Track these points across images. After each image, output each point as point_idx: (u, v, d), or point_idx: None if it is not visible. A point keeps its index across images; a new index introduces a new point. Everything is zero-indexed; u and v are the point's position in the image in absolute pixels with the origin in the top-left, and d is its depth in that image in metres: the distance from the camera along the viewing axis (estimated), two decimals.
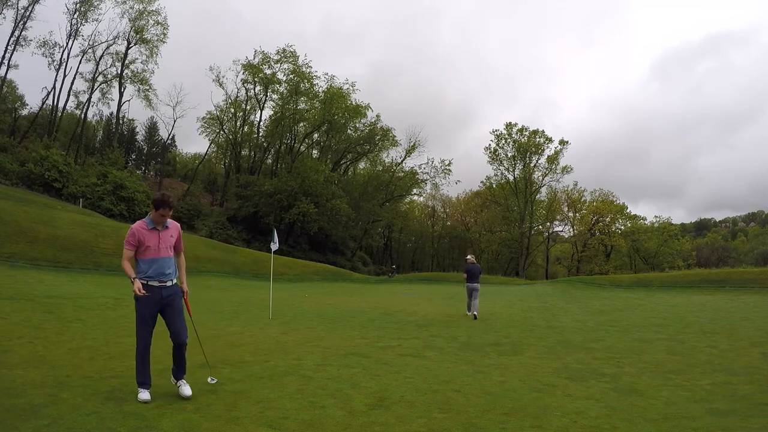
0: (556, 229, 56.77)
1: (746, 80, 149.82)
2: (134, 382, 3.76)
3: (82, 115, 44.24)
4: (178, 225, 4.15)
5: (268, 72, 47.87)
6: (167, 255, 3.90)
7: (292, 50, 48.18)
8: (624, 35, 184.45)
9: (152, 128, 59.66)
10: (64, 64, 39.87)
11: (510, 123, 52.60)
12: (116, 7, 40.63)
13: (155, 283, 3.78)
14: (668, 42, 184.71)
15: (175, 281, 3.96)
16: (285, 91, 48.66)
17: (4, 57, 36.75)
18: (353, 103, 49.49)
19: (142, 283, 3.71)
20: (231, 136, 50.92)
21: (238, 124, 50.79)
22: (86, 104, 42.53)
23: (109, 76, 42.96)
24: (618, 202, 53.41)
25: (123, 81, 43.17)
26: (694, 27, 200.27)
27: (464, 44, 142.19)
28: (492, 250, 57.56)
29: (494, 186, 55.00)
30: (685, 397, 4.14)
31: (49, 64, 39.57)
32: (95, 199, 34.62)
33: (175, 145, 63.61)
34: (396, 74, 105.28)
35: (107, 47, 41.67)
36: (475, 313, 10.89)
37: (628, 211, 53.77)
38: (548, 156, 51.58)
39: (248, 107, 50.66)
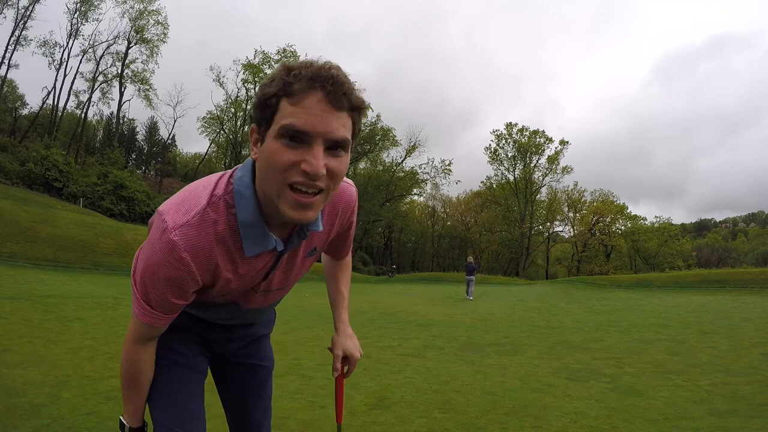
0: (557, 229, 56.80)
1: (747, 82, 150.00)
2: None
3: (83, 115, 44.28)
4: (353, 193, 1.17)
5: (269, 72, 47.84)
6: (271, 303, 1.35)
7: (292, 50, 48.21)
8: (627, 37, 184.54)
9: (152, 128, 59.68)
10: (65, 63, 39.95)
11: (510, 123, 52.66)
12: (116, 6, 40.70)
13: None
14: (670, 44, 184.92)
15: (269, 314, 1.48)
16: None
17: (4, 56, 36.81)
18: None
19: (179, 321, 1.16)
20: (231, 136, 50.94)
21: (239, 123, 50.84)
22: (86, 104, 42.60)
23: (109, 75, 43.03)
24: (618, 202, 53.44)
25: (123, 81, 43.22)
26: (696, 29, 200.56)
27: (468, 45, 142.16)
28: (492, 251, 57.52)
29: (494, 186, 55.02)
30: (685, 397, 4.13)
31: (50, 63, 39.66)
32: (95, 199, 34.63)
33: (176, 145, 63.58)
34: (400, 75, 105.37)
35: (107, 47, 41.72)
36: (470, 297, 15.70)
37: (628, 211, 53.80)
38: (548, 156, 51.63)
39: (248, 107, 50.71)
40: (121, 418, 1.22)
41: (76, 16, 39.56)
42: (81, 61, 40.99)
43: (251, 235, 0.97)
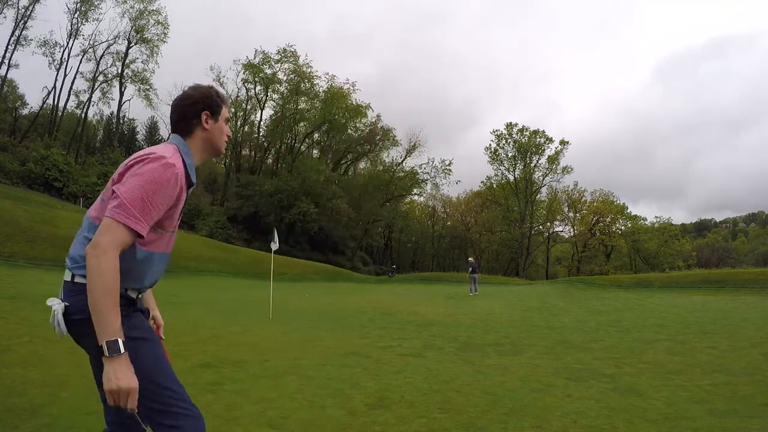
0: (557, 229, 56.86)
1: (748, 83, 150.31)
2: None
3: (83, 115, 44.33)
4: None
5: (269, 72, 47.93)
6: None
7: (292, 50, 48.30)
8: (628, 39, 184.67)
9: (153, 128, 59.63)
10: (65, 63, 39.99)
11: (510, 123, 52.68)
12: (117, 6, 40.77)
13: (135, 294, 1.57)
14: (671, 46, 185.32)
15: None
16: (285, 90, 48.72)
17: (4, 56, 36.84)
18: (354, 103, 49.57)
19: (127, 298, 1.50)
20: (231, 136, 50.89)
21: (239, 123, 50.84)
22: (87, 104, 42.65)
23: (109, 75, 43.09)
24: (618, 202, 53.48)
25: (123, 81, 43.25)
26: (697, 31, 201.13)
27: (469, 45, 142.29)
28: (492, 251, 57.57)
29: (494, 186, 55.03)
30: (685, 397, 4.13)
31: (50, 63, 39.69)
32: (95, 199, 34.73)
33: None
34: (400, 75, 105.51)
35: (108, 47, 41.79)
36: (474, 293, 17.09)
37: (628, 211, 53.86)
38: (549, 156, 51.65)
39: (248, 107, 50.73)
40: (114, 341, 1.28)
41: (76, 16, 39.62)
42: (81, 61, 41.10)
43: (192, 171, 1.59)
